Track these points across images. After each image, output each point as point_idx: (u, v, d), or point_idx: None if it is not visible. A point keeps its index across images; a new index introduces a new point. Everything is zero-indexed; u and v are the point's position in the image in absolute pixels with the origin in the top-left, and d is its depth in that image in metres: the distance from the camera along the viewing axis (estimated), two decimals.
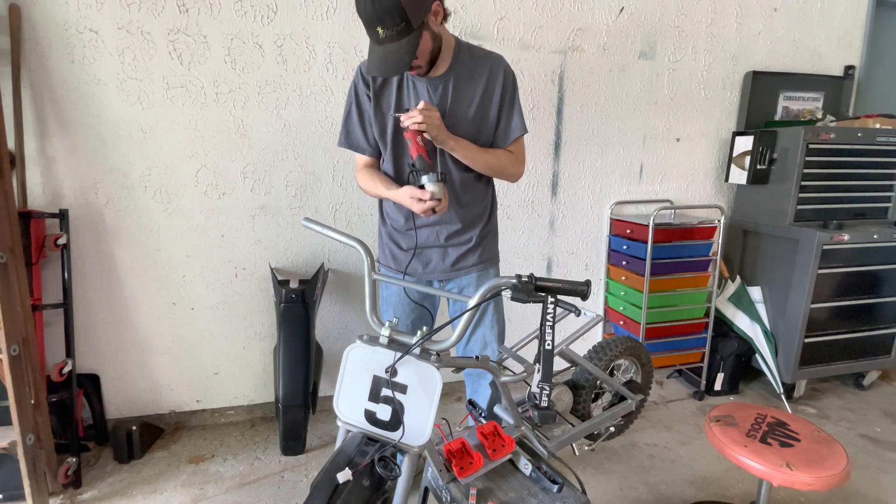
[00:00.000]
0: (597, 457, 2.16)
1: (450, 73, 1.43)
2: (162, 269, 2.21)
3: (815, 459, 1.39)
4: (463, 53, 1.45)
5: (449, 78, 1.43)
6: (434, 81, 1.43)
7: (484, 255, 1.62)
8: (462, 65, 1.44)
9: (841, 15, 2.89)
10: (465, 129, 1.46)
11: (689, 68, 2.72)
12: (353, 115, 1.51)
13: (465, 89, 1.45)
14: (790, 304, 2.56)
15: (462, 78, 1.45)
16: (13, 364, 1.67)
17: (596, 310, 2.86)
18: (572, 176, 2.67)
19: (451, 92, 1.44)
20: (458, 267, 1.59)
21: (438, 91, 1.44)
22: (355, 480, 1.00)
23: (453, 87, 1.44)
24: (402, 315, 1.65)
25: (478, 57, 1.47)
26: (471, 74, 1.45)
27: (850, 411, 2.59)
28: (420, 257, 1.59)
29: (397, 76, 1.45)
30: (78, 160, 2.03)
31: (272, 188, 2.26)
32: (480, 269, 1.61)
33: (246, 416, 2.48)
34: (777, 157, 2.60)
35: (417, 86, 1.45)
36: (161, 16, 2.00)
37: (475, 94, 1.46)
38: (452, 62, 1.43)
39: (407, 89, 1.46)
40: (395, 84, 1.46)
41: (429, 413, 1.02)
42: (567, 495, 1.13)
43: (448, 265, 1.59)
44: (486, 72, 1.46)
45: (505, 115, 1.50)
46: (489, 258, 1.64)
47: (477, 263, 1.60)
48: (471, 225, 1.58)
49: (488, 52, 1.50)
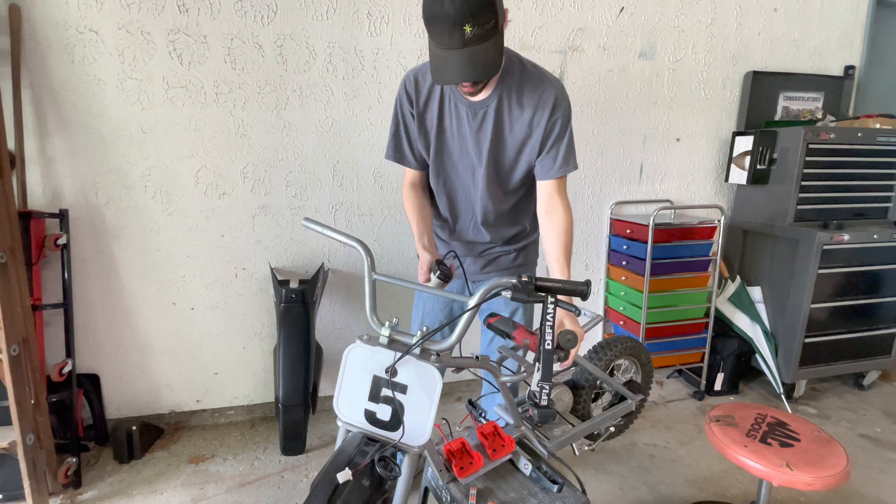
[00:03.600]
0: (597, 457, 2.16)
1: (492, 97, 1.31)
2: (162, 269, 2.21)
3: (815, 459, 1.39)
4: (512, 76, 1.31)
5: (492, 102, 1.31)
6: (475, 106, 1.32)
7: (518, 261, 1.62)
8: (507, 88, 1.31)
9: (841, 15, 2.89)
10: (508, 158, 1.39)
11: (689, 68, 2.72)
12: (401, 131, 1.44)
13: (510, 115, 1.33)
14: (790, 304, 2.55)
15: (506, 102, 1.32)
16: (13, 364, 1.67)
17: (596, 310, 2.86)
18: (572, 176, 2.65)
19: (494, 118, 1.32)
20: (488, 270, 1.60)
21: (479, 116, 1.33)
22: (355, 480, 0.99)
23: (496, 112, 1.32)
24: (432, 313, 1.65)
25: (529, 78, 1.32)
26: (517, 101, 1.31)
27: (850, 411, 2.59)
28: None
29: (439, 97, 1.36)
30: (78, 160, 2.03)
31: (272, 188, 2.26)
32: (512, 272, 1.60)
33: (246, 416, 2.48)
34: (777, 157, 2.60)
35: (459, 109, 1.35)
36: (161, 16, 2.00)
37: (520, 123, 1.33)
38: (497, 84, 1.29)
39: (449, 112, 1.37)
40: (437, 105, 1.36)
41: (429, 413, 1.02)
42: (567, 495, 1.13)
43: (479, 268, 1.60)
44: (535, 100, 1.31)
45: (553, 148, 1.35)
46: (523, 263, 1.63)
47: (509, 267, 1.61)
48: (506, 241, 1.58)
49: (542, 74, 1.33)
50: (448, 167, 1.45)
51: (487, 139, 1.35)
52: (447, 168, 1.46)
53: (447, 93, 1.36)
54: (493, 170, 1.41)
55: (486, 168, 1.40)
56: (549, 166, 1.38)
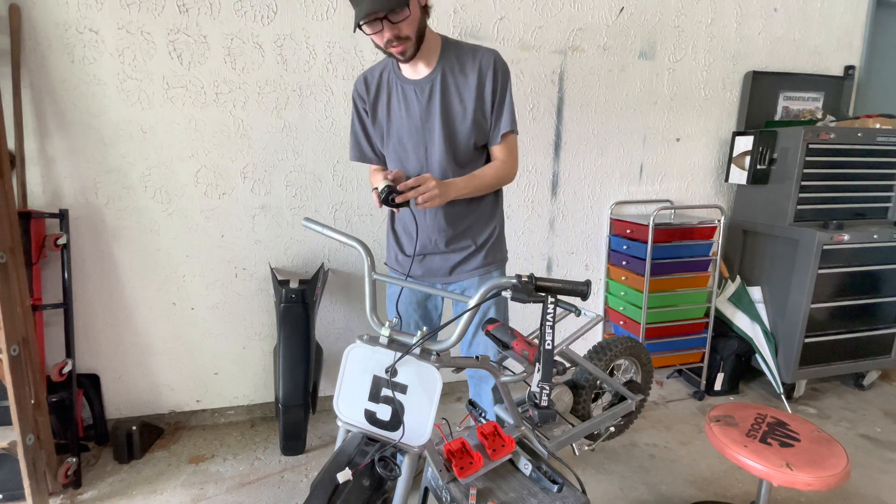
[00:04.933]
0: (597, 457, 2.16)
1: (436, 72, 1.40)
2: (162, 270, 2.21)
3: (815, 459, 1.39)
4: (449, 50, 1.41)
5: (436, 77, 1.40)
6: (421, 83, 1.41)
7: (488, 258, 1.60)
8: (448, 62, 1.40)
9: (841, 15, 2.89)
10: (462, 129, 1.44)
11: (689, 68, 2.72)
12: (358, 130, 1.55)
13: (455, 88, 1.41)
14: (790, 304, 2.55)
15: (450, 75, 1.41)
16: (13, 364, 1.67)
17: (596, 310, 2.86)
18: (572, 176, 2.67)
19: (440, 92, 1.40)
20: (459, 271, 1.58)
21: (426, 93, 1.41)
22: (355, 480, 1.00)
23: (441, 86, 1.40)
24: (405, 312, 1.65)
25: (466, 51, 1.42)
26: (460, 70, 1.41)
27: (850, 411, 2.59)
28: (422, 262, 1.59)
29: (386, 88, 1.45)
30: (78, 160, 2.03)
31: (272, 188, 2.26)
32: (483, 272, 1.59)
33: (246, 416, 2.48)
34: (777, 157, 2.60)
35: (406, 92, 1.43)
36: (161, 16, 2.00)
37: (467, 91, 1.41)
38: (438, 60, 1.40)
39: (397, 97, 1.45)
40: (385, 94, 1.46)
41: (429, 413, 1.02)
42: (567, 495, 1.13)
43: (447, 269, 1.58)
44: (476, 66, 1.40)
45: (496, 112, 1.45)
46: (493, 261, 1.62)
47: (479, 267, 1.59)
48: (471, 232, 1.56)
49: (476, 46, 1.44)
50: (399, 150, 1.50)
51: (437, 112, 1.42)
52: (398, 151, 1.50)
53: (393, 81, 1.45)
54: (448, 141, 1.44)
55: (439, 142, 1.44)
56: (496, 127, 1.46)
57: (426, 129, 1.44)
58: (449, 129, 1.43)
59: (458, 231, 1.54)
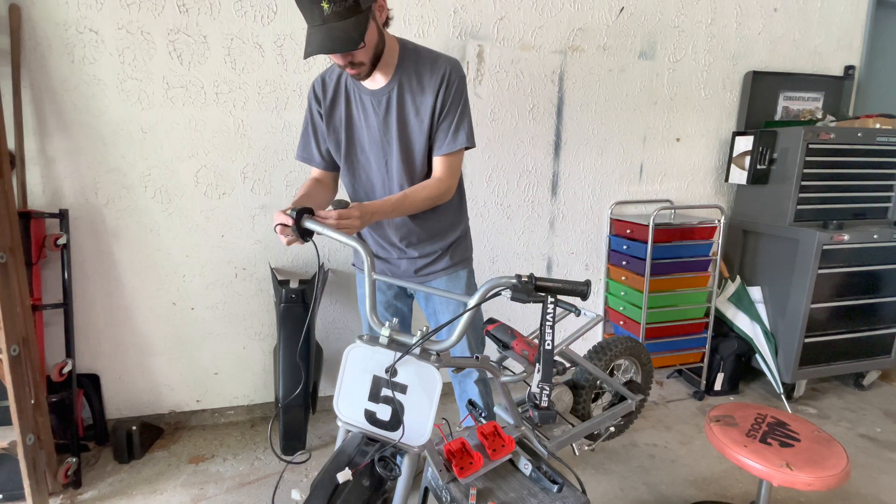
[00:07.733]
0: (597, 457, 2.16)
1: (392, 82, 1.36)
2: (162, 269, 2.21)
3: (815, 459, 1.39)
4: (408, 59, 1.36)
5: (392, 88, 1.36)
6: (378, 94, 1.37)
7: (454, 258, 1.59)
8: (406, 73, 1.36)
9: (841, 15, 2.89)
10: (419, 141, 1.40)
11: (689, 68, 2.72)
12: (309, 131, 1.50)
13: (412, 101, 1.37)
14: (790, 304, 2.55)
15: (407, 88, 1.36)
16: (13, 364, 1.67)
17: (596, 310, 2.86)
18: (572, 176, 2.67)
19: (396, 103, 1.37)
20: (424, 273, 1.58)
21: (383, 104, 1.37)
22: (355, 480, 1.00)
23: (398, 97, 1.37)
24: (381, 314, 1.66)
25: (424, 62, 1.37)
26: (418, 83, 1.36)
27: (850, 411, 2.59)
28: (389, 264, 1.60)
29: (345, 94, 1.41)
30: (78, 160, 2.03)
31: (272, 188, 2.26)
32: (450, 272, 1.59)
33: (246, 416, 2.48)
34: (777, 157, 2.60)
35: (364, 101, 1.40)
36: (161, 16, 2.00)
37: (423, 106, 1.37)
38: (395, 70, 1.36)
39: (356, 105, 1.42)
40: (343, 101, 1.43)
41: (429, 413, 1.02)
42: (567, 495, 1.13)
43: (413, 272, 1.58)
44: (433, 80, 1.35)
45: (447, 123, 1.38)
46: (459, 261, 1.61)
47: (446, 267, 1.59)
48: (434, 237, 1.55)
49: (436, 56, 1.38)
50: (361, 159, 1.48)
51: (394, 125, 1.39)
52: (360, 161, 1.48)
53: (352, 88, 1.41)
54: (405, 155, 1.43)
55: (397, 155, 1.42)
56: (440, 141, 1.40)
57: (385, 142, 1.42)
58: (405, 143, 1.41)
59: (422, 239, 1.54)
